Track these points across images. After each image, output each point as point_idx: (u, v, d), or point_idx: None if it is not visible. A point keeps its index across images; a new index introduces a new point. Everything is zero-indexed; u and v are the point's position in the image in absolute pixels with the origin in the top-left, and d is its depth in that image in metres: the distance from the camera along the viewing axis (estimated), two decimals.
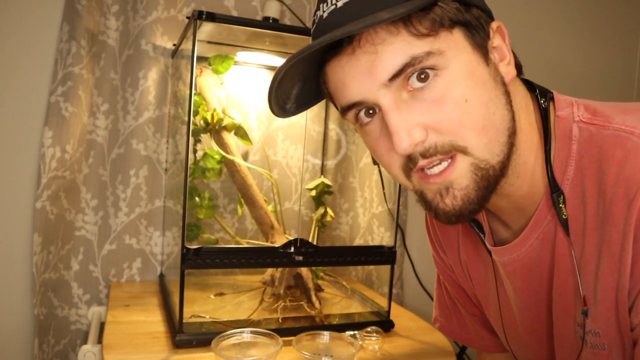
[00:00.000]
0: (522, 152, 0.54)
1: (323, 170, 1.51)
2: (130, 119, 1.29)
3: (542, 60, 1.79)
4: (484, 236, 0.66)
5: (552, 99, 0.57)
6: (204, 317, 1.03)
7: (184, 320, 0.96)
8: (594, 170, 0.51)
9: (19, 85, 1.20)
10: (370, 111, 0.53)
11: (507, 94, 0.52)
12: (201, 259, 0.95)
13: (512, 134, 0.52)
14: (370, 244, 1.41)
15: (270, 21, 1.22)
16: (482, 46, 0.51)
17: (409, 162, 0.52)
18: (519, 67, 0.56)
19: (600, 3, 1.87)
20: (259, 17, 1.38)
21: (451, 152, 0.50)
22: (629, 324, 0.50)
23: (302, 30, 1.03)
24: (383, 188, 1.28)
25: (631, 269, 0.48)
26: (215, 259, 0.97)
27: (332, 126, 1.50)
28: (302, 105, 0.61)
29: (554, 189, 0.54)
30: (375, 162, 1.16)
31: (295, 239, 1.02)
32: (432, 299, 0.94)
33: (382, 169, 1.26)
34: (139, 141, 1.30)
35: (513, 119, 0.52)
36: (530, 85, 0.60)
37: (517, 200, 0.59)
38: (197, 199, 1.22)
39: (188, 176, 0.95)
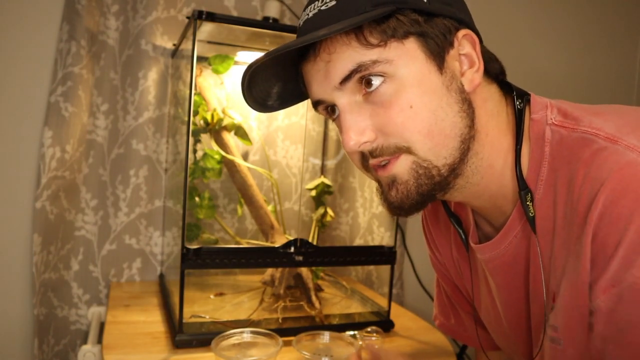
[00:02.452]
0: (486, 156, 0.57)
1: (323, 170, 1.51)
2: (130, 119, 1.29)
3: (541, 66, 1.79)
4: (466, 234, 0.69)
5: (529, 101, 0.59)
6: (204, 317, 1.03)
7: (184, 321, 0.96)
8: (565, 171, 0.52)
9: (19, 85, 1.20)
10: (334, 108, 0.58)
11: (464, 101, 0.54)
12: (201, 259, 0.95)
13: (467, 139, 0.54)
14: (370, 244, 1.41)
15: (270, 21, 1.22)
16: (437, 55, 0.53)
17: (363, 159, 0.57)
18: (500, 72, 0.60)
19: (600, 9, 1.87)
20: (259, 17, 1.38)
21: (396, 153, 0.54)
22: (588, 320, 0.51)
23: None
24: None
25: (590, 265, 0.49)
26: (215, 259, 0.97)
27: (332, 126, 1.50)
28: (285, 102, 0.66)
29: (522, 187, 0.55)
30: None
31: (295, 239, 1.02)
32: (432, 299, 0.94)
33: None
34: (138, 141, 1.30)
35: (470, 125, 0.55)
36: (509, 88, 0.61)
37: (490, 200, 0.61)
38: (197, 199, 1.22)
39: (188, 176, 0.95)
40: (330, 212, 1.30)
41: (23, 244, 1.21)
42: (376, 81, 0.53)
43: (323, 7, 0.54)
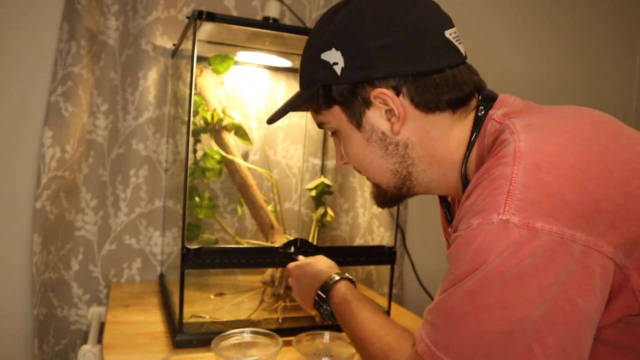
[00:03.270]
0: (437, 170, 0.67)
1: (323, 170, 1.51)
2: (130, 119, 1.29)
3: (541, 71, 1.79)
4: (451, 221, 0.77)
5: (492, 104, 0.65)
6: (204, 317, 1.02)
7: (184, 321, 0.96)
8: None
9: (19, 85, 1.20)
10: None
11: (387, 146, 0.66)
12: (201, 259, 0.95)
13: (400, 169, 0.67)
14: (370, 244, 1.41)
15: (270, 21, 1.22)
16: (354, 117, 0.66)
17: None
18: (455, 99, 0.65)
19: (599, 15, 1.87)
20: (259, 17, 1.38)
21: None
22: None
23: (302, 30, 1.03)
24: None
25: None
26: (215, 259, 0.97)
27: None
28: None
29: (464, 185, 0.64)
30: None
31: (295, 239, 1.02)
32: (432, 299, 0.94)
33: None
34: (138, 141, 1.30)
35: (400, 160, 0.66)
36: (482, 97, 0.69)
37: (459, 195, 0.68)
38: (197, 199, 1.22)
39: (188, 176, 0.95)
40: (330, 212, 1.30)
41: (23, 244, 1.21)
42: (333, 132, 0.70)
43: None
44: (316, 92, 0.66)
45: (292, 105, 0.69)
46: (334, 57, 0.63)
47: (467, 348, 0.50)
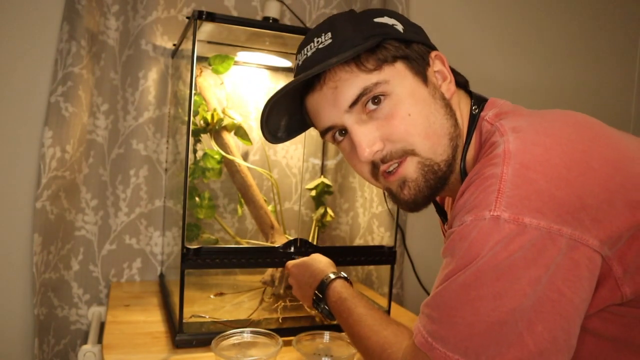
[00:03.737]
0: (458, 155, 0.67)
1: (323, 170, 1.51)
2: (130, 119, 1.29)
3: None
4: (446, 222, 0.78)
5: (484, 106, 0.68)
6: (204, 317, 1.03)
7: (184, 320, 0.96)
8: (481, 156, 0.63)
9: (19, 85, 1.20)
10: (343, 132, 0.69)
11: (447, 106, 0.66)
12: (201, 259, 0.95)
13: (455, 137, 0.66)
14: (370, 244, 1.41)
15: (270, 21, 1.22)
16: (420, 73, 0.66)
17: (374, 168, 0.67)
18: (462, 83, 0.72)
19: (598, 18, 1.87)
20: (259, 17, 1.38)
21: (403, 155, 0.65)
22: None
23: (302, 30, 1.03)
24: None
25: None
26: (215, 259, 0.97)
27: None
28: (292, 133, 0.77)
29: (462, 177, 0.66)
30: None
31: (295, 239, 1.02)
32: None
33: None
34: (139, 141, 1.30)
35: (455, 125, 0.66)
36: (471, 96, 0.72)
37: (457, 189, 0.69)
38: (197, 199, 1.22)
39: (188, 176, 0.95)
40: (330, 212, 1.30)
41: (23, 244, 1.21)
42: (378, 100, 0.64)
43: (320, 46, 0.65)
44: (382, 45, 0.64)
45: (344, 57, 0.62)
46: (390, 21, 0.66)
47: (462, 338, 0.52)
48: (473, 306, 0.52)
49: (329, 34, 0.65)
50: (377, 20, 0.66)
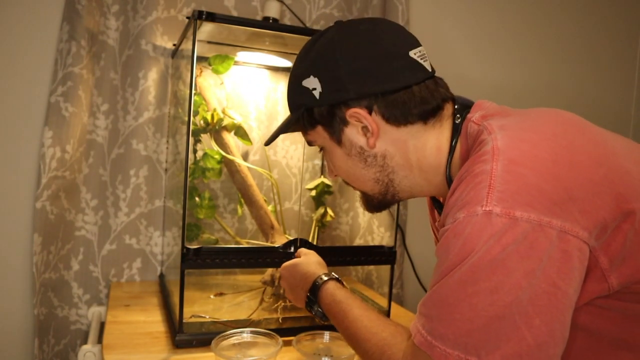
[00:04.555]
0: (417, 176, 0.72)
1: (323, 170, 1.51)
2: (130, 119, 1.29)
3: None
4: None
5: (469, 109, 0.71)
6: (204, 317, 1.03)
7: (184, 320, 0.96)
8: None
9: (19, 85, 1.20)
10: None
11: (367, 158, 0.72)
12: (201, 259, 0.95)
13: (381, 178, 0.73)
14: (370, 244, 1.41)
15: (270, 21, 1.22)
16: (335, 134, 0.73)
17: None
18: (429, 110, 0.71)
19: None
20: (259, 17, 1.38)
21: None
22: None
23: (302, 30, 1.03)
24: None
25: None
26: (215, 259, 0.97)
27: None
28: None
29: (449, 186, 0.68)
30: None
31: (295, 239, 1.02)
32: None
33: None
34: (139, 141, 1.30)
35: (379, 170, 0.73)
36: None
37: (445, 195, 0.72)
38: (197, 199, 1.22)
39: (188, 176, 0.95)
40: (330, 212, 1.30)
41: (23, 244, 1.21)
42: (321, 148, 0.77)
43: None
44: (301, 115, 0.74)
45: (283, 129, 0.78)
46: (312, 84, 0.71)
47: (461, 334, 0.53)
48: (470, 302, 0.53)
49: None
50: (303, 83, 0.73)
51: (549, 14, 1.80)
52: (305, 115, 0.74)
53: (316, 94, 0.71)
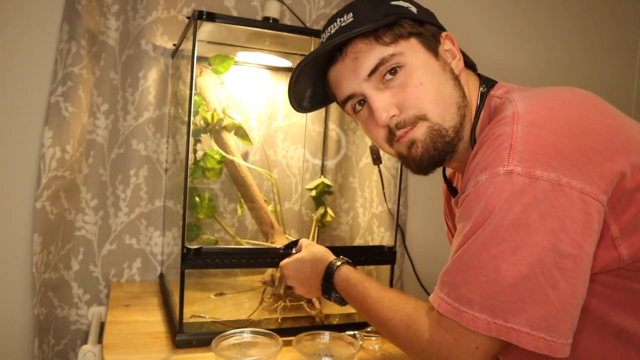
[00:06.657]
0: (466, 127, 0.72)
1: (323, 170, 1.51)
2: (130, 119, 1.29)
3: (545, 66, 1.79)
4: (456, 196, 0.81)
5: (493, 86, 0.74)
6: (204, 317, 1.03)
7: (184, 320, 0.96)
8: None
9: (19, 85, 1.20)
10: (362, 101, 0.74)
11: (456, 79, 0.71)
12: (201, 259, 0.95)
13: (462, 107, 0.70)
14: (370, 244, 1.41)
15: (270, 21, 1.22)
16: (432, 48, 0.71)
17: (390, 134, 0.72)
18: (471, 65, 0.77)
19: (599, 9, 1.87)
20: (259, 17, 1.38)
21: (415, 121, 0.70)
22: None
23: (302, 30, 1.03)
24: (383, 188, 1.28)
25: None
26: (215, 259, 0.97)
27: (332, 126, 1.50)
28: (316, 104, 0.84)
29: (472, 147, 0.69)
30: (375, 163, 1.17)
31: (297, 240, 1.02)
32: None
33: (382, 170, 1.26)
34: (139, 141, 1.30)
35: (463, 96, 0.71)
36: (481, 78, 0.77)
37: (467, 160, 0.72)
38: (197, 199, 1.22)
39: (188, 176, 0.95)
40: (330, 212, 1.30)
41: (23, 244, 1.21)
42: (394, 70, 0.70)
43: (343, 24, 0.72)
44: (399, 23, 0.70)
45: (365, 28, 0.69)
46: (405, 4, 0.72)
47: (488, 296, 0.54)
48: (495, 263, 0.54)
49: (350, 14, 0.71)
50: (393, 2, 0.72)
51: (551, 9, 1.80)
52: (405, 24, 0.70)
53: (413, 10, 0.72)
